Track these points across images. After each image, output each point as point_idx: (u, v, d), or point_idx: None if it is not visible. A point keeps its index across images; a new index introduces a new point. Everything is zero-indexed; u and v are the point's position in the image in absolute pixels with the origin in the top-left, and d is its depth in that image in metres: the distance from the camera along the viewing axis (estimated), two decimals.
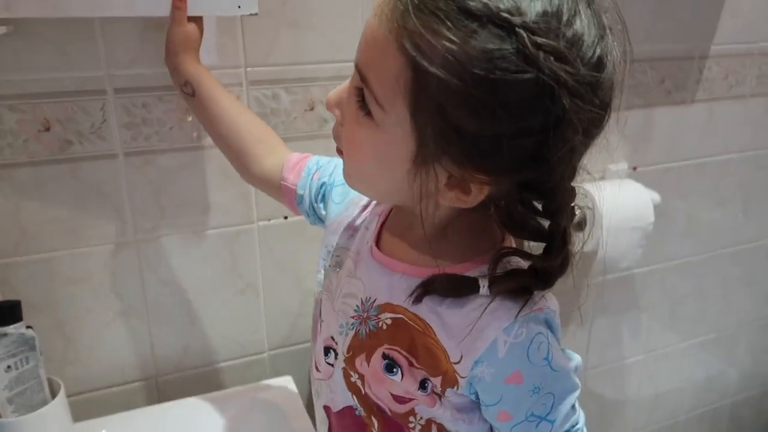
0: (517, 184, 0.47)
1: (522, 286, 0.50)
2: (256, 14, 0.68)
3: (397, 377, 0.54)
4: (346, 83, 0.50)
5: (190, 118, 0.87)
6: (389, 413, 0.56)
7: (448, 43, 0.39)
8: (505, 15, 0.39)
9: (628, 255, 1.16)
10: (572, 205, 0.48)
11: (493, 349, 0.50)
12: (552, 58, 0.39)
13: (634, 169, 1.24)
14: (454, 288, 0.51)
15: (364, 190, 0.56)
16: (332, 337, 0.61)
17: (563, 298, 0.56)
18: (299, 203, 0.70)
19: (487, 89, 0.39)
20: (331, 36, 0.91)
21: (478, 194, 0.46)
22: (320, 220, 0.69)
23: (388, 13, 0.42)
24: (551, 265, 0.49)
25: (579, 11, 0.41)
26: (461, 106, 0.40)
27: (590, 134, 0.44)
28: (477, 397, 0.54)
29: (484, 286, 0.50)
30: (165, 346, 0.97)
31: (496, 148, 0.42)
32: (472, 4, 0.39)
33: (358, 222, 0.63)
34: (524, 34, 0.38)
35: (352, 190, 0.63)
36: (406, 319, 0.53)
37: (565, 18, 0.40)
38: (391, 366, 0.55)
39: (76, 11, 0.70)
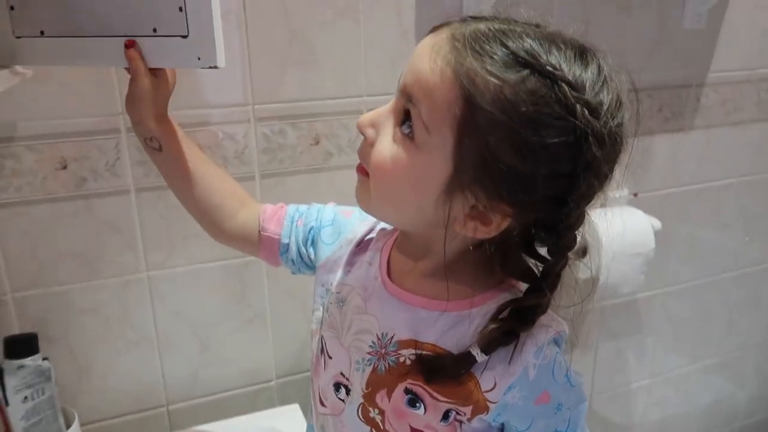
0: (534, 221, 0.50)
1: (505, 332, 0.52)
2: (216, 67, 0.61)
3: (420, 411, 0.56)
4: (384, 107, 0.53)
5: None
6: None
7: (499, 82, 0.45)
8: (550, 68, 0.45)
9: (630, 280, 1.18)
10: (569, 253, 0.51)
11: (526, 373, 0.53)
12: (587, 111, 0.45)
13: (635, 195, 1.26)
14: (455, 367, 0.54)
15: (385, 212, 0.57)
16: (342, 373, 0.62)
17: (568, 323, 0.58)
18: (283, 252, 0.69)
19: (531, 128, 0.44)
20: (335, 74, 0.94)
21: (498, 226, 0.49)
22: (306, 266, 0.70)
23: (447, 48, 0.47)
24: (537, 303, 0.52)
25: (606, 83, 0.47)
26: (504, 140, 0.45)
27: (603, 184, 0.49)
28: (498, 423, 0.56)
29: (478, 354, 0.52)
30: (175, 376, 1.00)
31: (528, 184, 0.46)
32: (522, 53, 0.45)
33: (356, 258, 0.64)
34: (566, 87, 0.45)
35: (344, 229, 0.65)
36: (435, 355, 0.55)
37: (596, 86, 0.47)
38: (414, 401, 0.56)
39: (70, 62, 0.69)
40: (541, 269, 0.52)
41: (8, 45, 0.66)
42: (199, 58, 0.62)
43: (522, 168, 0.46)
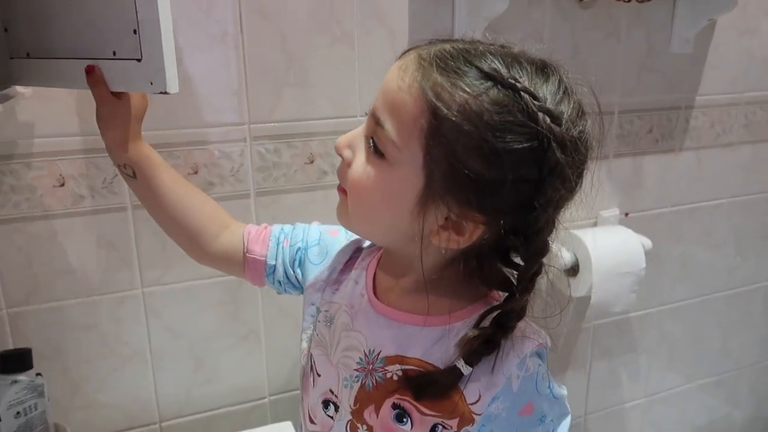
0: (505, 228, 0.51)
1: (486, 340, 0.53)
2: (166, 93, 0.58)
3: (407, 427, 0.57)
4: (358, 129, 0.56)
5: (195, 173, 0.92)
6: None
7: (465, 95, 0.47)
8: (512, 81, 0.47)
9: (622, 299, 1.19)
10: (542, 259, 0.52)
11: (509, 385, 0.54)
12: (548, 119, 0.47)
13: (626, 215, 1.28)
14: (443, 382, 0.54)
15: (363, 229, 0.59)
16: (331, 390, 0.63)
17: (559, 342, 0.59)
18: (269, 273, 0.69)
19: (495, 135, 0.47)
20: (329, 95, 0.97)
21: (471, 235, 0.51)
22: (293, 287, 0.70)
23: (413, 67, 0.50)
24: (513, 308, 0.53)
25: (567, 95, 0.50)
26: (471, 148, 0.47)
27: (571, 188, 0.51)
28: None
29: (463, 367, 0.53)
30: (169, 392, 1.00)
31: (497, 190, 0.48)
32: (486, 68, 0.48)
33: (343, 277, 0.66)
34: (528, 97, 0.47)
35: (331, 248, 0.66)
36: (422, 370, 0.56)
37: (556, 96, 0.49)
38: (401, 416, 0.57)
39: (51, 83, 0.70)
40: (518, 275, 0.53)
41: (5, 66, 0.68)
42: (151, 83, 0.59)
43: (489, 174, 0.47)
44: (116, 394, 0.97)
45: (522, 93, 0.47)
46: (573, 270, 1.17)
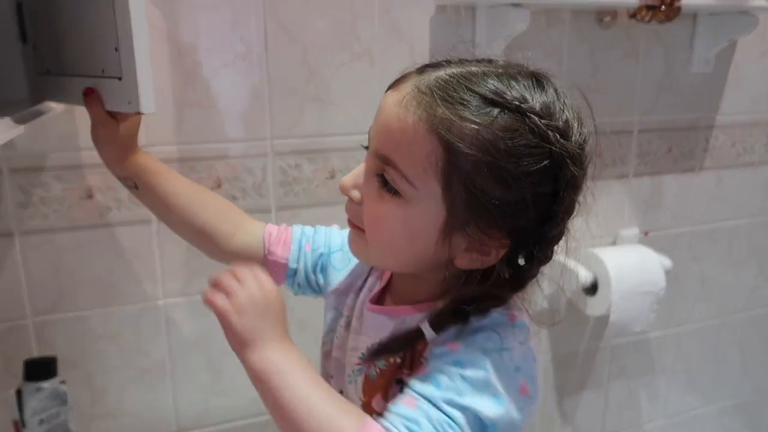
0: (526, 242, 0.52)
1: (457, 311, 0.53)
2: (141, 114, 0.58)
3: None
4: (360, 167, 0.56)
5: (218, 186, 0.93)
6: None
7: (475, 126, 0.48)
8: (517, 103, 0.49)
9: (641, 319, 1.18)
10: (545, 265, 0.54)
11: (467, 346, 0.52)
12: (558, 136, 0.49)
13: (646, 234, 1.27)
14: (406, 340, 0.55)
15: (387, 263, 0.60)
16: (341, 391, 0.64)
17: (577, 361, 0.58)
18: (290, 276, 0.70)
19: (512, 160, 0.48)
20: (350, 111, 0.98)
21: (497, 255, 0.52)
22: (312, 290, 0.71)
23: (414, 102, 0.50)
24: (494, 294, 0.53)
25: (565, 103, 0.52)
26: (489, 176, 0.48)
27: (578, 195, 0.53)
28: None
29: (427, 330, 0.53)
30: (187, 403, 1.01)
31: (518, 211, 0.49)
32: (488, 94, 0.49)
33: (364, 284, 0.67)
34: (535, 118, 0.48)
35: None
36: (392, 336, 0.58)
37: (559, 108, 0.51)
38: (403, 387, 0.57)
39: (65, 100, 0.72)
40: (512, 272, 0.54)
41: (35, 82, 0.70)
42: (129, 102, 0.58)
43: (510, 197, 0.49)
44: (136, 403, 0.98)
45: (529, 114, 0.48)
46: (592, 289, 1.17)
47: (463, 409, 0.48)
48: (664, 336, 1.38)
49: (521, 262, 0.54)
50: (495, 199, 0.49)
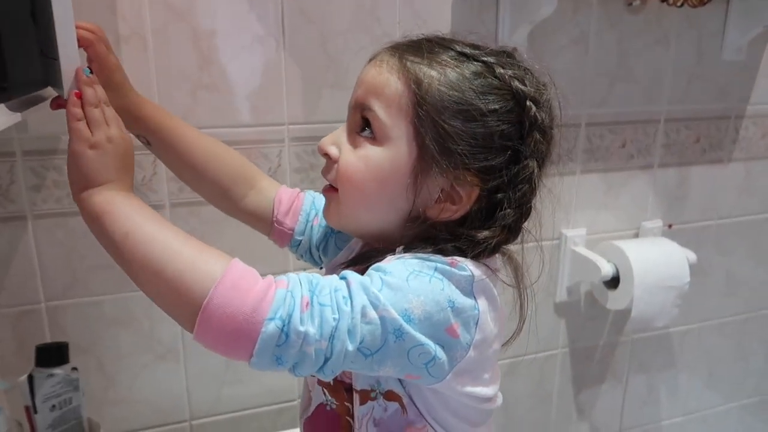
0: (496, 187, 0.54)
1: (428, 237, 0.55)
2: (62, 97, 0.57)
3: None
4: (338, 129, 0.59)
5: None
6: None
7: (443, 67, 0.53)
8: (484, 57, 0.54)
9: (664, 314, 1.14)
10: (523, 223, 0.56)
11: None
12: (517, 82, 0.54)
13: (669, 226, 1.24)
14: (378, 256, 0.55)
15: (359, 218, 0.57)
16: None
17: (596, 355, 0.57)
18: (294, 245, 0.71)
19: (478, 97, 0.52)
20: None
21: (468, 199, 0.54)
22: (313, 261, 0.72)
23: (388, 56, 0.55)
24: (470, 236, 0.53)
25: (530, 72, 0.56)
26: (457, 111, 0.52)
27: (549, 141, 0.55)
28: None
29: (399, 249, 0.54)
30: (200, 391, 1.00)
31: (486, 147, 0.53)
32: (457, 48, 0.55)
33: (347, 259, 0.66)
34: (499, 68, 0.54)
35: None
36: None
37: (522, 71, 0.56)
38: None
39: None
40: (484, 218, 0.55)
41: (45, 63, 0.68)
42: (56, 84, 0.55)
43: (477, 132, 0.52)
44: (149, 390, 0.97)
45: (494, 66, 0.54)
46: (613, 282, 1.14)
47: (368, 293, 0.47)
48: (686, 331, 1.35)
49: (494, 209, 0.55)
50: (462, 133, 0.52)
